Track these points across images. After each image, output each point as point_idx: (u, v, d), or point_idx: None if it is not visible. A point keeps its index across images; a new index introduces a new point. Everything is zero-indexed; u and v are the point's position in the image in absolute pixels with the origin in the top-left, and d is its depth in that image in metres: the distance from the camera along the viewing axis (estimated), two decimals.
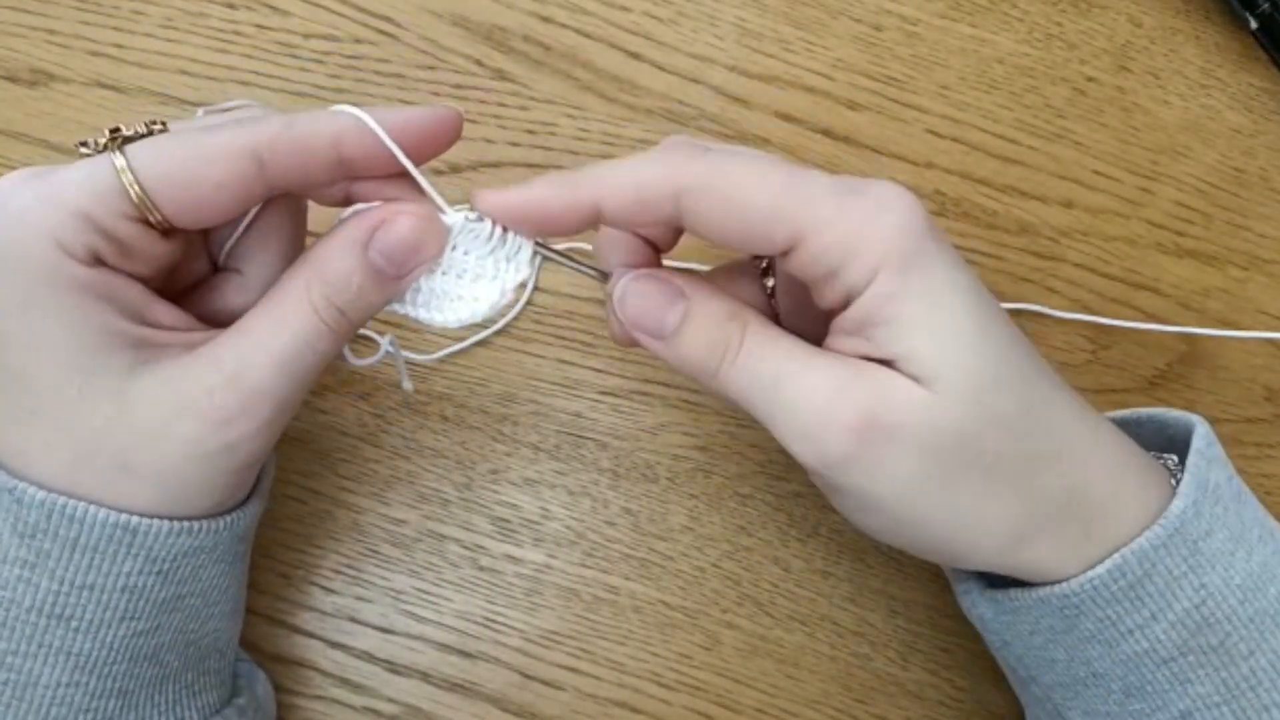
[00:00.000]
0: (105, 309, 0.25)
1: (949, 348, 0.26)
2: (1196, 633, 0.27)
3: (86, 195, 0.24)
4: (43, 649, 0.26)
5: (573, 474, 0.39)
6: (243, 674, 0.33)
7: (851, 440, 0.26)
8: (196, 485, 0.27)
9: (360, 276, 0.27)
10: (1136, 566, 0.27)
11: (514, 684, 0.37)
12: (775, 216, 0.26)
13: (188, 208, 0.25)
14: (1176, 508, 0.27)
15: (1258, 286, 0.44)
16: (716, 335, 0.27)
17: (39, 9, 0.42)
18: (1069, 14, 0.46)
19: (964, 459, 0.26)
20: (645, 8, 0.44)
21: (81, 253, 0.25)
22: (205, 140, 0.25)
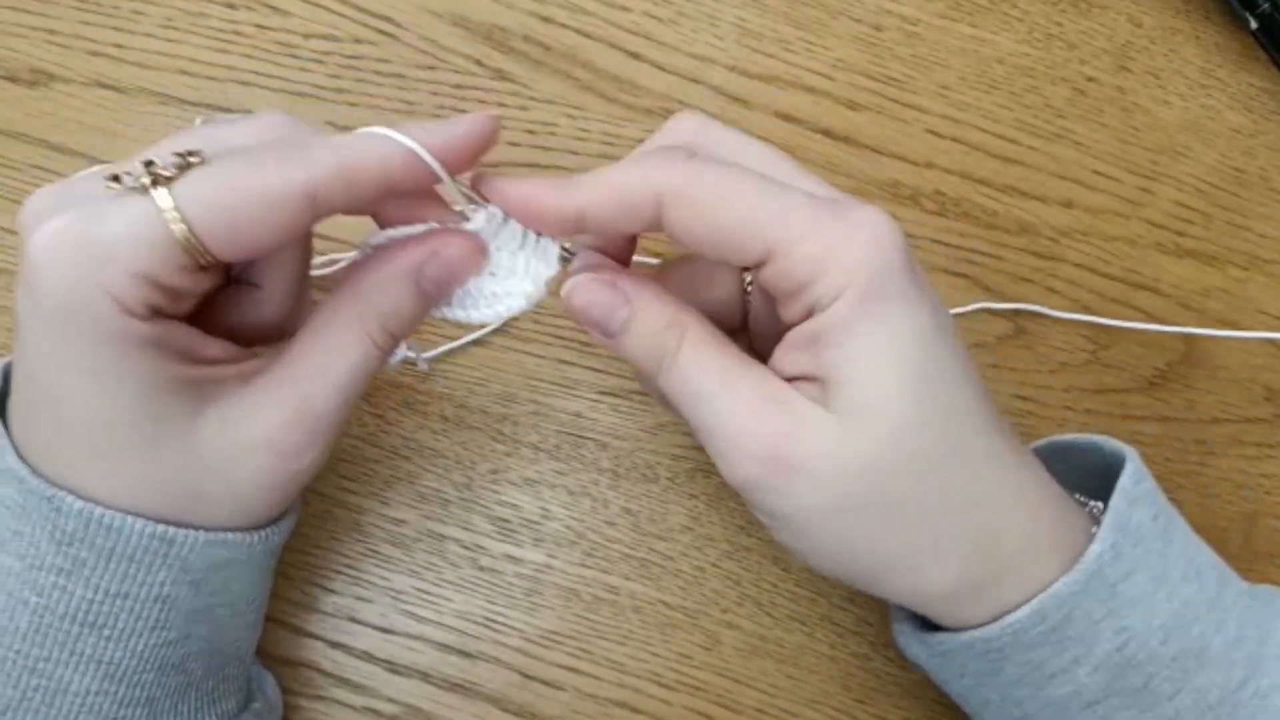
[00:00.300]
0: (164, 358, 0.25)
1: (880, 385, 0.26)
2: (1120, 675, 0.27)
3: (141, 251, 0.24)
4: (75, 656, 0.26)
5: (573, 474, 0.39)
6: (253, 676, 0.33)
7: (759, 468, 0.26)
8: (259, 510, 0.28)
9: (412, 305, 0.28)
10: (1055, 611, 0.27)
11: (514, 684, 0.37)
12: (749, 230, 0.26)
13: (239, 249, 0.25)
14: (1094, 551, 0.27)
15: (1258, 286, 0.44)
16: (655, 342, 0.28)
17: (39, 9, 0.42)
18: (1069, 14, 0.46)
19: (870, 497, 0.26)
20: (645, 8, 0.44)
21: (141, 310, 0.24)
22: (258, 181, 0.24)
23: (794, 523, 0.27)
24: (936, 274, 0.42)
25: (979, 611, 0.28)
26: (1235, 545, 0.41)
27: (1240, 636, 0.28)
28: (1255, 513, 0.41)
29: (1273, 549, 0.41)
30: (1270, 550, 0.41)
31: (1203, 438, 0.42)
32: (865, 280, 0.25)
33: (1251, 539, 0.41)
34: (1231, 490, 0.41)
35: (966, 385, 0.27)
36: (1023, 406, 0.42)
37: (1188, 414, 0.42)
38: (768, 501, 0.27)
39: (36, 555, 0.25)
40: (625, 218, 0.27)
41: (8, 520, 0.26)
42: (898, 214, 0.43)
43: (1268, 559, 0.41)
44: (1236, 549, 0.41)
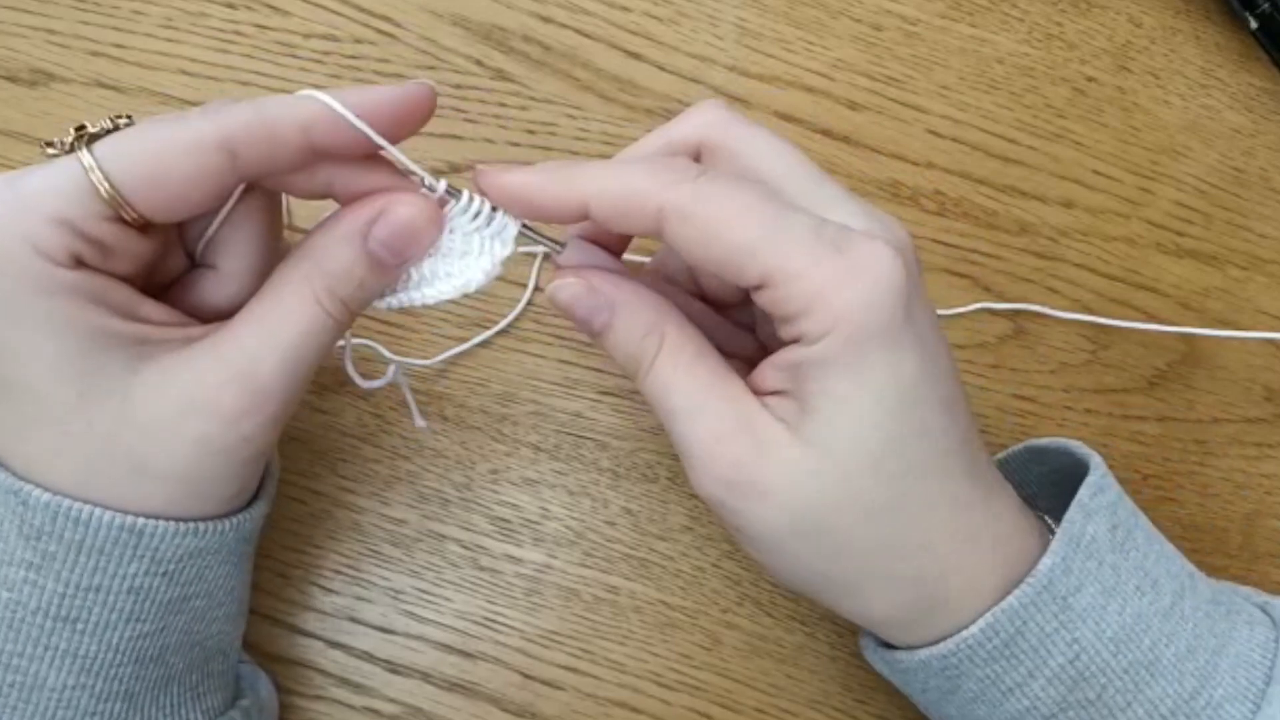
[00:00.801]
0: (95, 310, 0.25)
1: (847, 430, 0.26)
2: (1074, 687, 0.27)
3: (59, 199, 0.24)
4: (49, 651, 0.26)
5: (573, 474, 0.39)
6: (245, 675, 0.33)
7: (722, 489, 0.27)
8: (209, 481, 0.27)
9: (362, 268, 0.27)
10: (1008, 624, 0.27)
11: (514, 684, 0.37)
12: (748, 257, 0.26)
13: (161, 202, 0.25)
14: (1045, 565, 0.27)
15: (1258, 286, 0.44)
16: (633, 349, 0.28)
17: (39, 9, 0.42)
18: (1069, 14, 0.46)
19: (818, 529, 0.27)
20: (645, 8, 0.44)
21: (61, 256, 0.24)
22: (174, 133, 0.25)
23: (752, 539, 0.28)
24: (936, 274, 0.43)
25: (924, 635, 0.28)
26: (1235, 545, 0.41)
27: (1194, 647, 0.28)
28: (1255, 513, 0.41)
29: (1273, 549, 0.41)
30: (1270, 550, 0.41)
31: (1203, 438, 0.42)
32: (853, 326, 0.25)
33: (1251, 539, 0.41)
34: (1231, 490, 0.41)
35: (939, 438, 0.27)
36: (1023, 406, 0.42)
37: (1188, 414, 0.42)
38: (729, 518, 0.28)
39: (5, 550, 0.25)
40: (625, 222, 0.27)
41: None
42: (897, 214, 0.43)
43: (1268, 559, 0.41)
44: (1236, 549, 0.41)
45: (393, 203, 0.27)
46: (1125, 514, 0.30)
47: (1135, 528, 0.30)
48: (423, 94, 0.27)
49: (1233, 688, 0.28)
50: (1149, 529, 0.30)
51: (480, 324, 0.40)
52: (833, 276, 0.25)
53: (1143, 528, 0.30)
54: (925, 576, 0.27)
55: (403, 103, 0.27)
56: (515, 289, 0.41)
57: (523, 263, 0.41)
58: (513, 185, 0.27)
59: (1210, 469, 0.42)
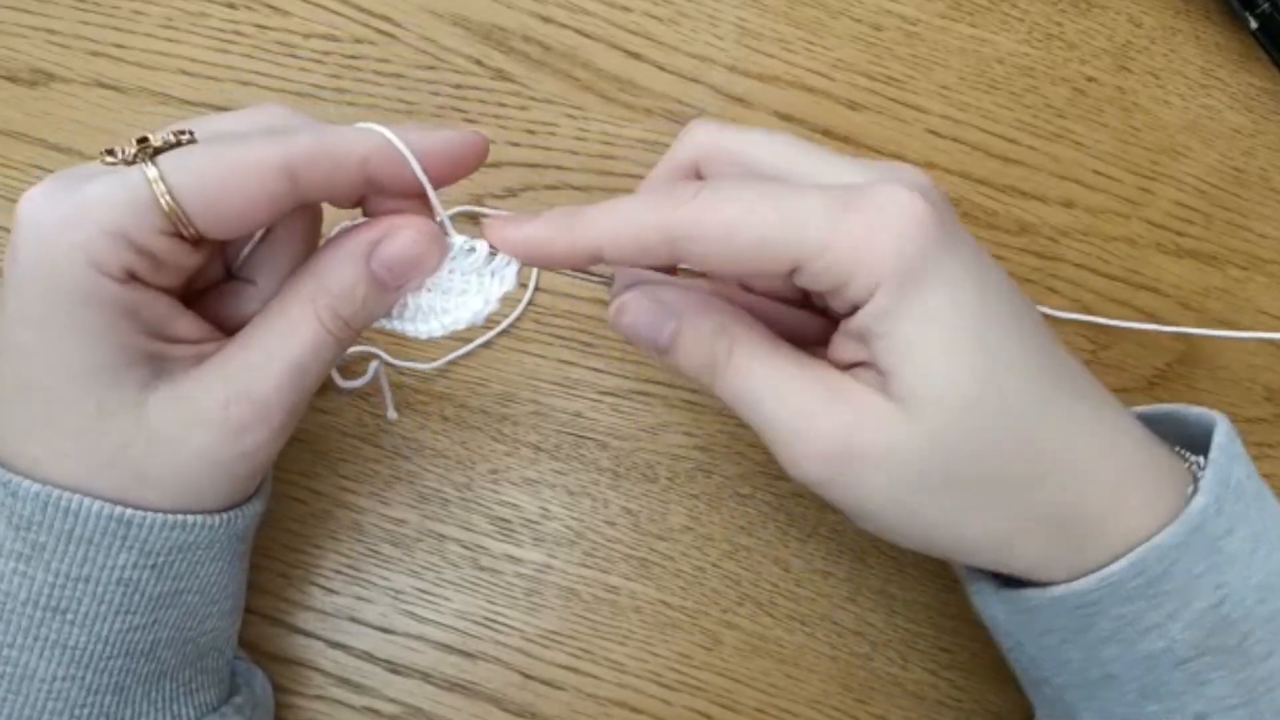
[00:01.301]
0: (128, 326, 0.25)
1: (935, 371, 0.25)
2: (1214, 632, 0.27)
3: (122, 211, 0.24)
4: (39, 642, 0.26)
5: (573, 474, 0.39)
6: (240, 672, 0.33)
7: (824, 465, 0.26)
8: (208, 491, 0.27)
9: (364, 287, 0.27)
10: (1155, 564, 0.26)
11: (514, 684, 0.37)
12: (770, 251, 0.26)
13: (220, 220, 0.25)
14: (1198, 504, 0.27)
15: (1258, 286, 0.44)
16: (705, 352, 0.28)
17: (39, 9, 0.42)
18: (1069, 14, 0.46)
19: (938, 481, 0.26)
20: (645, 8, 0.44)
21: (116, 270, 0.25)
22: (240, 154, 0.25)
23: (869, 512, 0.27)
24: None
25: (1066, 571, 0.27)
26: None
27: None
28: None
29: None
30: None
31: None
32: (896, 269, 0.25)
33: None
34: None
35: (1028, 348, 0.27)
36: None
37: None
38: (839, 495, 0.27)
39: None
40: (641, 259, 0.27)
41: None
42: None
43: None
44: None
45: (398, 226, 0.28)
46: (1254, 467, 0.29)
47: (1263, 482, 0.29)
48: (478, 144, 0.28)
49: None
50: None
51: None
52: (857, 234, 0.25)
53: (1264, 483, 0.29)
54: (1059, 510, 0.27)
55: (459, 149, 0.28)
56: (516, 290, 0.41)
57: None
58: (522, 241, 0.28)
59: None
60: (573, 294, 0.41)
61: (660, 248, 0.26)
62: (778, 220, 0.25)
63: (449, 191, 0.28)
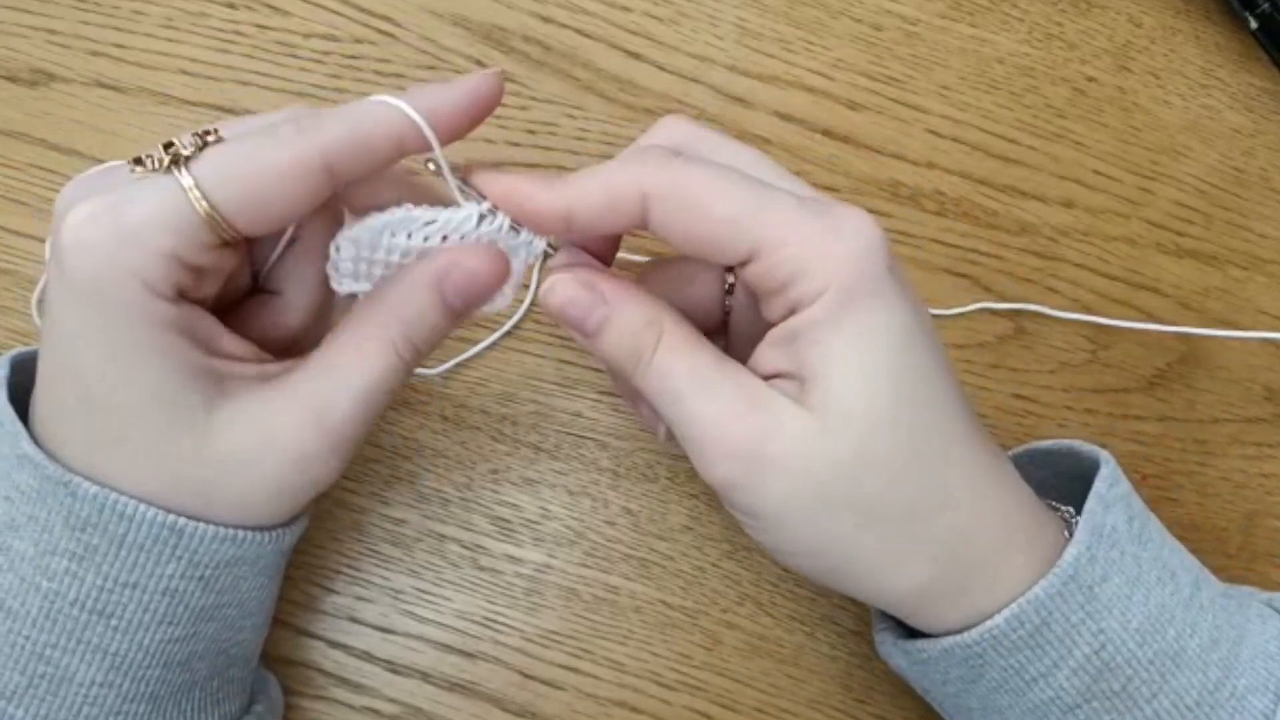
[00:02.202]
0: (186, 343, 0.26)
1: (855, 385, 0.26)
2: (1098, 678, 0.27)
3: (168, 234, 0.24)
4: (82, 645, 0.26)
5: (573, 474, 0.39)
6: (256, 680, 0.33)
7: (735, 466, 0.27)
8: (270, 512, 0.27)
9: (436, 315, 0.28)
10: (1034, 615, 0.27)
11: (514, 684, 0.37)
12: (734, 229, 0.26)
13: (259, 221, 0.26)
14: (1070, 555, 0.27)
15: (1258, 286, 0.44)
16: (631, 342, 0.28)
17: (39, 9, 0.42)
18: (1069, 14, 0.46)
19: (842, 497, 0.26)
20: (645, 8, 0.44)
21: (167, 290, 0.25)
22: (274, 154, 0.25)
23: (768, 521, 0.27)
24: (937, 274, 0.42)
25: (950, 614, 0.28)
26: (1235, 545, 0.41)
27: (1215, 638, 0.28)
28: (1255, 513, 0.41)
29: (1273, 549, 0.41)
30: (1270, 550, 0.41)
31: (1203, 438, 0.42)
32: (846, 281, 0.26)
33: (1251, 539, 0.41)
34: (1231, 490, 0.41)
35: (941, 389, 0.27)
36: (1023, 406, 0.42)
37: (1188, 414, 0.42)
38: (743, 499, 0.27)
39: (50, 540, 0.25)
40: (611, 217, 0.27)
41: (23, 505, 0.26)
42: (898, 214, 0.43)
43: (1267, 559, 0.41)
44: (1236, 549, 0.41)
45: (465, 255, 0.28)
46: (1138, 507, 0.30)
47: (1149, 521, 0.30)
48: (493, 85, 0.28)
49: (1254, 679, 0.28)
50: (1158, 524, 0.30)
51: (479, 324, 0.40)
52: (819, 239, 0.26)
53: (1153, 522, 0.30)
54: (951, 540, 0.27)
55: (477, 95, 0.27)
56: None
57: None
58: (502, 183, 0.28)
59: (1210, 469, 0.42)
60: None
61: (630, 206, 0.26)
62: (748, 203, 0.26)
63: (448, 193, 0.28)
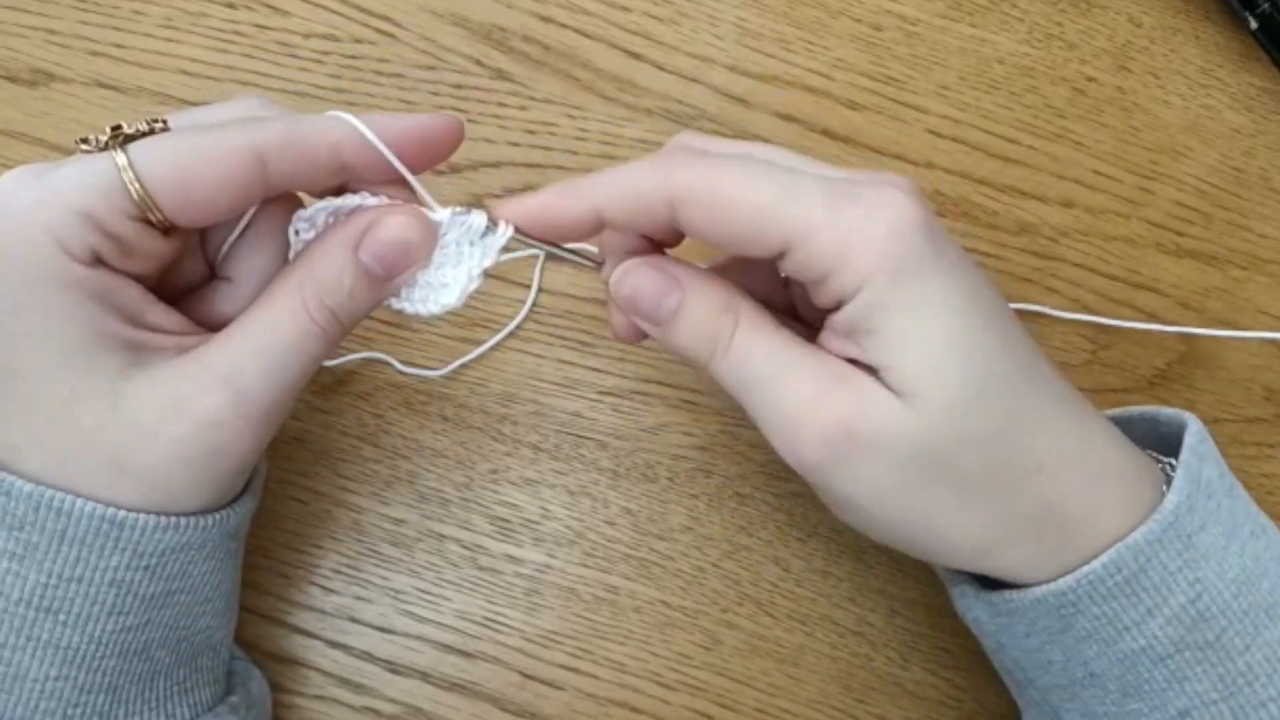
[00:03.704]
0: (101, 310, 0.25)
1: (929, 364, 0.26)
2: (1192, 628, 0.27)
3: (88, 194, 0.24)
4: (31, 642, 0.26)
5: (573, 474, 0.39)
6: (237, 671, 0.33)
7: (824, 448, 0.26)
8: (187, 485, 0.27)
9: (351, 278, 0.27)
10: (1132, 561, 0.27)
11: (514, 684, 0.37)
12: (764, 224, 0.26)
13: (189, 206, 0.26)
14: (1170, 503, 0.27)
15: (1258, 286, 0.44)
16: (709, 327, 0.28)
17: (39, 9, 0.42)
18: (1069, 14, 0.46)
19: (935, 473, 0.26)
20: (645, 8, 0.44)
21: (82, 252, 0.25)
22: (208, 140, 0.25)
23: (861, 502, 0.27)
24: None
25: (1044, 569, 0.28)
26: None
27: None
28: None
29: None
30: None
31: None
32: (888, 264, 0.25)
33: None
34: None
35: (1017, 349, 0.27)
36: None
37: None
38: (834, 483, 0.27)
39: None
40: (640, 218, 0.27)
41: None
42: None
43: None
44: None
45: (384, 215, 0.27)
46: (1225, 466, 0.30)
47: (1236, 479, 0.30)
48: (450, 126, 0.28)
49: None
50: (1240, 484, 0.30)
51: (480, 324, 0.40)
52: (854, 225, 0.25)
53: (1237, 481, 0.30)
54: (1047, 500, 0.27)
55: (430, 132, 0.28)
56: (517, 289, 0.41)
57: (526, 265, 0.41)
58: (525, 211, 0.28)
59: None
60: (573, 294, 0.41)
61: (659, 209, 0.26)
62: (775, 196, 0.26)
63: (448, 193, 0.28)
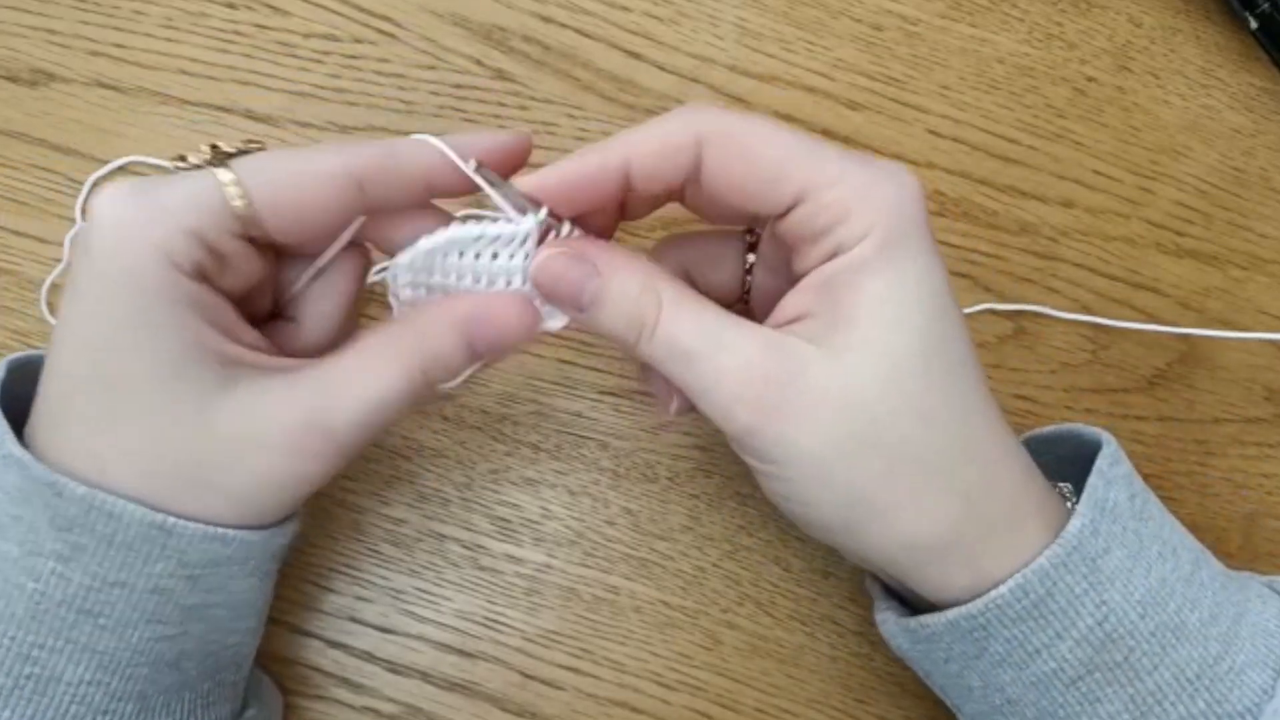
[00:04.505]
0: (203, 323, 0.26)
1: (891, 326, 0.27)
2: (1100, 649, 0.28)
3: (196, 212, 0.25)
4: (69, 644, 0.26)
5: (573, 474, 0.39)
6: (251, 683, 0.33)
7: (756, 414, 0.27)
8: (262, 508, 0.27)
9: (460, 357, 0.28)
10: (1038, 585, 0.27)
11: (514, 684, 0.37)
12: (785, 171, 0.27)
13: (290, 225, 0.27)
14: (1074, 526, 0.27)
15: (1258, 286, 0.44)
16: (631, 309, 0.28)
17: (39, 9, 0.42)
18: (1069, 14, 0.46)
19: (868, 437, 0.27)
20: (645, 8, 0.44)
21: (189, 268, 0.26)
22: (311, 161, 0.27)
23: (789, 468, 0.27)
24: None
25: (958, 577, 0.28)
26: (1235, 545, 0.41)
27: (1216, 614, 0.28)
28: (1255, 513, 0.41)
29: (1273, 549, 0.41)
30: (1270, 550, 0.41)
31: (1203, 438, 0.42)
32: (890, 225, 0.26)
33: (1251, 539, 0.41)
34: (1231, 490, 0.41)
35: (965, 346, 0.28)
36: (1023, 406, 0.42)
37: (1188, 414, 0.42)
38: (764, 447, 0.27)
39: (35, 541, 0.25)
40: (668, 163, 0.28)
41: (7, 506, 0.26)
42: None
43: (1268, 559, 0.41)
44: (1236, 549, 0.41)
45: (495, 303, 0.29)
46: (1139, 486, 0.30)
47: (1149, 499, 0.30)
48: (524, 143, 0.29)
49: (1254, 654, 0.28)
50: (1159, 503, 0.31)
51: None
52: (866, 183, 0.27)
53: (1155, 501, 0.30)
54: (973, 490, 0.27)
55: (506, 148, 0.29)
56: None
57: None
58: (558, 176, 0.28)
59: (1210, 469, 0.42)
60: None
61: (686, 150, 0.27)
62: (796, 148, 0.27)
63: None
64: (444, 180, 0.28)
